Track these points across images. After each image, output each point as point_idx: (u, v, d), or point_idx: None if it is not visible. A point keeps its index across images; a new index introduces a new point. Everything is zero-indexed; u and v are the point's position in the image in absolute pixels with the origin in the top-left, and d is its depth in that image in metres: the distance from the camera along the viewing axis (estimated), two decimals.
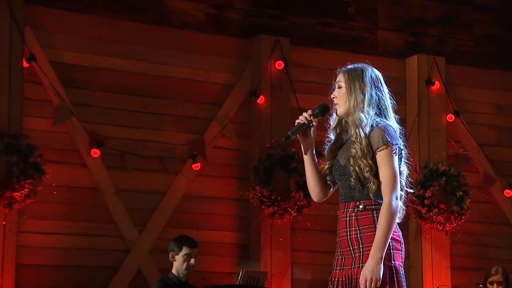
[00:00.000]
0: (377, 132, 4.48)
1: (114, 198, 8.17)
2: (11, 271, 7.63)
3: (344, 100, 4.57)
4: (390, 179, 4.43)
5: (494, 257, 9.33)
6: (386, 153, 4.44)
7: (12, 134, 7.66)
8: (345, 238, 4.55)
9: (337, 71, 4.69)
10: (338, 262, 4.59)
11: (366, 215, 4.51)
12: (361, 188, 4.52)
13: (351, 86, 4.58)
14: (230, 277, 8.44)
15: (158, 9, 8.64)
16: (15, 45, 7.84)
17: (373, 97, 4.59)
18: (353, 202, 4.54)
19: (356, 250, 4.51)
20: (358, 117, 4.52)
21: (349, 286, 4.50)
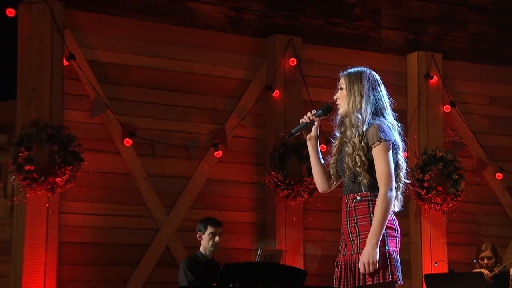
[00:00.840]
0: (372, 130, 4.50)
1: (144, 182, 8.20)
2: (54, 248, 7.68)
3: (344, 101, 4.60)
4: (384, 172, 4.44)
5: (486, 233, 9.34)
6: (380, 149, 4.45)
7: (54, 125, 7.68)
8: (345, 226, 4.59)
9: (340, 74, 4.71)
10: (342, 248, 4.63)
11: (362, 206, 4.54)
12: (354, 181, 4.57)
13: (350, 88, 4.59)
14: (249, 253, 8.49)
15: (184, 12, 8.65)
16: (56, 45, 7.85)
17: (370, 98, 4.58)
18: (352, 194, 4.57)
19: (354, 238, 4.54)
20: (355, 117, 4.55)
21: (350, 269, 4.51)
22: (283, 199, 8.49)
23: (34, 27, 7.85)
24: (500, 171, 9.52)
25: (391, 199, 4.45)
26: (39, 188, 7.55)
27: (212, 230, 7.33)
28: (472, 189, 9.24)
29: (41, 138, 7.59)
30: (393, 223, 4.53)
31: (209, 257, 7.37)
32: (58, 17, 7.86)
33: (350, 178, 4.57)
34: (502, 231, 9.51)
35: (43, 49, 7.85)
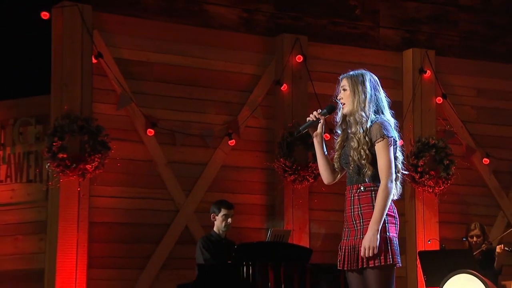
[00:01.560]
0: (376, 127, 4.50)
1: (165, 168, 8.22)
2: (85, 227, 7.73)
3: (349, 101, 4.57)
4: (386, 166, 4.45)
5: (474, 213, 9.35)
6: (382, 144, 4.47)
7: (84, 117, 7.70)
8: (349, 214, 4.58)
9: (341, 77, 4.67)
10: (345, 233, 4.61)
11: (366, 195, 4.52)
12: (358, 173, 4.55)
13: (354, 89, 4.57)
14: (260, 232, 8.50)
15: (200, 14, 8.67)
16: (86, 45, 7.88)
17: (372, 98, 4.58)
18: (356, 185, 4.55)
19: (358, 224, 4.53)
20: (359, 115, 4.54)
21: (353, 253, 4.51)
22: (290, 183, 8.51)
23: (66, 28, 7.86)
24: (487, 156, 9.53)
25: (391, 190, 4.46)
26: (71, 174, 7.60)
27: (225, 212, 7.34)
28: (461, 173, 9.25)
29: (72, 129, 7.62)
30: (393, 211, 4.53)
31: (222, 236, 7.36)
32: (87, 19, 7.89)
33: (354, 170, 4.56)
34: (488, 211, 9.53)
35: (74, 48, 7.86)
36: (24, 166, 8.15)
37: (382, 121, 4.56)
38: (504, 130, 9.80)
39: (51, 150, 7.59)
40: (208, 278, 6.65)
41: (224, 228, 7.36)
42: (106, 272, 7.94)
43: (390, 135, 4.52)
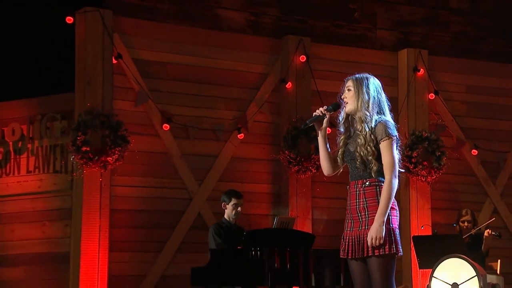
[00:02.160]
0: (381, 127, 4.47)
1: (179, 160, 8.23)
2: (107, 214, 7.77)
3: (353, 101, 4.54)
4: (390, 162, 4.42)
5: (463, 200, 9.36)
6: (388, 143, 4.44)
7: (105, 113, 7.73)
8: (354, 207, 4.53)
9: (346, 79, 4.64)
10: (348, 224, 4.59)
11: (371, 189, 4.48)
12: (364, 168, 4.50)
13: (359, 90, 4.54)
14: (266, 218, 8.51)
15: (211, 17, 8.68)
16: (107, 47, 7.89)
17: (375, 99, 4.56)
18: (361, 180, 4.50)
19: (363, 216, 4.49)
20: (364, 114, 4.51)
21: (357, 243, 4.49)
22: (294, 173, 8.51)
23: (89, 31, 7.88)
24: (475, 148, 9.53)
25: (395, 185, 4.44)
26: (93, 165, 7.63)
27: (235, 201, 7.33)
28: (452, 163, 9.25)
29: (95, 124, 7.65)
30: (395, 204, 4.52)
31: (232, 222, 7.35)
32: (108, 23, 7.90)
33: (361, 165, 4.52)
34: (476, 198, 9.53)
35: (96, 50, 7.88)
36: (50, 158, 8.16)
37: (386, 121, 4.54)
38: (491, 124, 9.78)
39: (75, 144, 7.62)
40: (220, 262, 6.66)
41: (234, 216, 7.36)
42: (126, 255, 7.97)
43: (394, 134, 4.50)
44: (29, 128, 8.28)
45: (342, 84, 4.72)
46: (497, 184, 9.69)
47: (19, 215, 8.26)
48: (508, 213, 9.63)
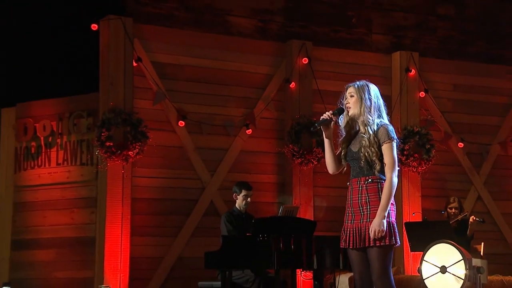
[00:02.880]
0: (383, 130, 4.48)
1: (194, 153, 8.22)
2: (128, 202, 7.77)
3: (356, 106, 4.54)
4: (392, 162, 4.42)
5: (450, 188, 9.34)
6: (389, 145, 4.44)
7: (127, 112, 7.74)
8: (356, 201, 4.51)
9: (348, 85, 4.64)
10: (349, 217, 4.56)
11: (373, 186, 4.46)
12: (368, 167, 4.47)
13: (361, 96, 4.54)
14: (273, 205, 8.50)
15: (223, 24, 8.66)
16: (128, 51, 7.89)
17: (376, 104, 4.56)
18: (364, 177, 4.48)
19: (365, 210, 4.47)
20: (366, 118, 4.50)
21: (358, 234, 4.48)
22: (297, 165, 8.49)
23: (111, 37, 7.87)
24: (461, 141, 9.49)
25: (395, 183, 4.44)
26: (116, 158, 7.65)
27: (245, 193, 7.34)
28: (440, 155, 9.22)
29: (117, 121, 7.66)
30: (393, 199, 4.50)
31: (242, 211, 7.36)
32: (129, 30, 7.89)
33: (365, 164, 4.49)
34: (462, 186, 9.49)
35: (118, 53, 7.87)
36: (77, 152, 8.17)
37: (387, 125, 4.54)
38: (476, 119, 9.72)
39: (100, 139, 7.63)
40: (231, 247, 6.65)
41: (244, 206, 7.36)
42: (146, 239, 7.97)
43: (395, 137, 4.51)
44: (59, 124, 8.29)
45: (343, 91, 4.70)
46: (481, 174, 9.64)
47: (50, 203, 8.28)
48: (490, 200, 9.58)
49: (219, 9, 8.69)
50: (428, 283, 6.62)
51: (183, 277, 7.92)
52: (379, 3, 9.53)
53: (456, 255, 6.64)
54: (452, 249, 6.64)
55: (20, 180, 8.51)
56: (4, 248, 8.53)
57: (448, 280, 6.56)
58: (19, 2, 8.07)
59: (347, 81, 8.67)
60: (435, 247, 6.71)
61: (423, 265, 6.69)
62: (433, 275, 6.66)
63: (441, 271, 6.67)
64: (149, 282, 7.89)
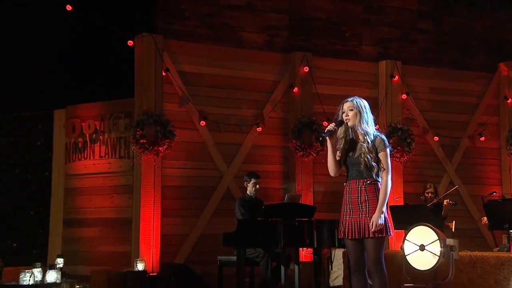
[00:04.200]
0: (379, 140, 4.47)
1: (213, 147, 8.20)
2: (159, 189, 7.78)
3: (354, 118, 4.49)
4: (388, 167, 4.44)
5: (427, 175, 9.28)
6: (385, 153, 4.44)
7: (157, 113, 7.73)
8: (356, 199, 4.47)
9: (346, 100, 4.58)
10: (347, 212, 4.52)
11: (371, 187, 4.44)
12: (367, 171, 4.43)
13: (359, 109, 4.50)
14: (279, 191, 8.49)
15: (237, 39, 8.61)
16: (158, 63, 7.86)
17: (370, 117, 4.54)
18: (363, 179, 4.44)
19: (364, 207, 4.43)
20: (365, 129, 4.48)
21: (357, 227, 4.45)
22: (300, 157, 8.47)
23: (145, 51, 7.85)
24: (436, 135, 9.42)
25: (391, 184, 4.45)
26: (148, 153, 7.65)
27: (254, 181, 7.28)
28: (419, 147, 9.16)
29: (149, 122, 7.65)
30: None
31: (253, 197, 7.30)
32: (159, 45, 7.86)
33: (364, 168, 4.43)
34: (437, 173, 9.44)
35: (150, 65, 7.85)
36: (117, 147, 8.15)
37: (382, 136, 4.52)
38: (449, 116, 9.64)
39: (135, 137, 7.63)
40: (244, 229, 6.62)
41: (254, 192, 7.31)
42: (173, 220, 7.97)
43: (389, 146, 4.51)
44: (101, 124, 8.28)
45: (340, 104, 4.63)
46: (453, 162, 9.58)
47: (94, 189, 8.29)
48: (460, 184, 9.49)
49: (234, 26, 8.64)
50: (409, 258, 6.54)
51: (205, 251, 7.91)
52: (368, 19, 9.44)
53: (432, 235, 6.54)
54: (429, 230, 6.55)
55: (70, 169, 8.52)
56: (58, 226, 8.56)
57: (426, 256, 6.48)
58: (71, 23, 8.07)
59: (342, 86, 8.92)
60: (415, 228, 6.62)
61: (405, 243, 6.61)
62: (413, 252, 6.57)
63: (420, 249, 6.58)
64: (176, 256, 7.91)
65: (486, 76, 9.81)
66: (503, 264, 6.64)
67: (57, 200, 8.57)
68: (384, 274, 4.44)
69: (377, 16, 9.46)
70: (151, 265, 7.57)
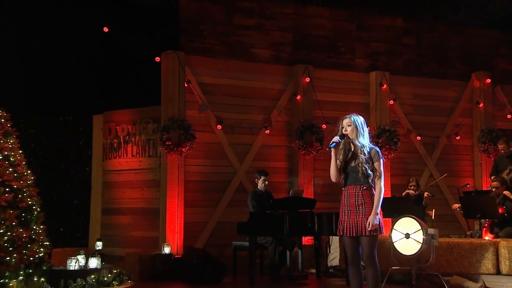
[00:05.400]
0: (374, 152, 4.43)
1: (228, 147, 8.14)
2: (182, 183, 7.73)
3: (353, 133, 4.44)
4: (381, 175, 4.39)
5: (411, 169, 9.20)
6: (379, 163, 4.40)
7: (180, 119, 7.68)
8: (353, 202, 4.41)
9: (345, 117, 4.52)
10: (345, 213, 4.46)
11: (366, 192, 4.38)
12: (363, 178, 4.37)
13: (357, 125, 4.44)
14: (284, 184, 8.40)
15: (248, 54, 8.52)
16: (181, 75, 7.80)
17: (365, 131, 4.48)
18: (359, 185, 4.39)
19: (360, 209, 4.37)
20: (361, 142, 4.42)
21: (354, 226, 4.39)
22: (302, 155, 8.41)
23: (170, 66, 7.79)
24: (419, 135, 9.32)
25: (383, 189, 4.40)
26: (173, 153, 7.62)
27: (264, 178, 7.27)
28: (404, 145, 9.07)
29: (174, 126, 7.60)
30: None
31: (263, 190, 7.29)
32: (182, 60, 7.80)
33: (361, 176, 4.37)
34: (419, 167, 9.34)
35: (174, 77, 7.79)
36: (146, 148, 8.12)
37: (376, 148, 4.47)
38: (429, 119, 9.50)
39: (161, 140, 7.60)
40: (256, 220, 6.64)
41: (263, 187, 7.30)
42: (194, 210, 7.92)
43: (382, 157, 4.47)
44: (133, 127, 8.25)
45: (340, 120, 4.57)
46: (433, 158, 9.47)
47: (128, 183, 8.26)
48: (439, 176, 9.36)
49: (246, 44, 8.56)
50: (396, 245, 6.51)
51: (221, 236, 7.88)
52: (360, 36, 9.33)
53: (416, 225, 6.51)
54: (413, 221, 6.51)
55: (107, 166, 8.49)
56: (97, 213, 8.57)
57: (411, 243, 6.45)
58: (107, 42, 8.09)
59: (339, 93, 8.91)
60: (402, 219, 6.59)
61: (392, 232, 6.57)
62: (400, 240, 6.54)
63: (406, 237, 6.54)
64: (197, 240, 7.88)
65: (461, 84, 9.70)
66: (476, 249, 6.68)
67: (96, 192, 8.56)
68: (376, 266, 4.40)
69: (368, 33, 9.37)
70: (176, 248, 7.56)
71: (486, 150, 9.36)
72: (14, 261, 5.14)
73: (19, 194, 5.38)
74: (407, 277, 6.56)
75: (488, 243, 6.67)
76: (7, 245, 5.16)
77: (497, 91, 9.77)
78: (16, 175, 5.42)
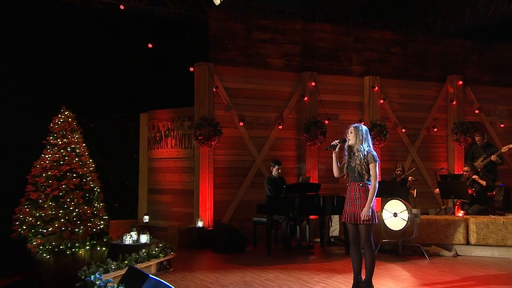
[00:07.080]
0: (370, 156, 4.33)
1: (248, 140, 8.05)
2: (211, 170, 7.69)
3: (353, 139, 4.37)
4: (375, 175, 4.29)
5: (397, 155, 9.09)
6: (374, 165, 4.31)
7: (210, 118, 7.61)
8: (353, 196, 4.37)
9: (350, 126, 4.42)
10: (347, 204, 4.42)
11: (362, 188, 4.33)
12: (360, 177, 4.32)
13: (356, 133, 4.36)
14: (294, 169, 8.32)
15: (264, 63, 8.38)
16: (210, 82, 7.71)
17: (365, 138, 4.36)
18: (357, 182, 4.34)
19: (358, 202, 4.34)
20: (359, 147, 4.34)
21: (353, 216, 4.35)
22: (308, 146, 8.32)
23: (201, 74, 7.71)
24: (404, 128, 9.18)
25: (377, 187, 4.31)
26: (205, 145, 7.58)
27: (277, 166, 7.16)
28: (391, 136, 8.92)
29: (205, 124, 7.54)
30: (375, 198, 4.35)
31: (277, 176, 7.17)
32: (211, 69, 7.72)
33: (358, 175, 4.30)
34: (404, 154, 9.15)
35: (205, 84, 7.71)
36: (182, 141, 8.08)
37: (373, 152, 4.37)
38: (412, 114, 9.33)
39: (195, 135, 7.56)
40: (272, 202, 6.61)
41: (277, 174, 7.20)
42: (221, 191, 7.89)
43: (377, 160, 4.35)
44: (172, 124, 8.20)
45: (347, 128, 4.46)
46: (415, 146, 9.31)
47: (168, 169, 8.24)
48: (420, 161, 9.29)
49: (262, 55, 8.43)
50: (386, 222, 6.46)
51: (243, 212, 7.86)
52: (356, 47, 9.15)
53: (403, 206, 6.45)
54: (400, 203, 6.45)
55: (151, 155, 8.48)
56: (144, 192, 8.60)
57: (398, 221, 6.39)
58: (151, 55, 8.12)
59: (338, 94, 8.78)
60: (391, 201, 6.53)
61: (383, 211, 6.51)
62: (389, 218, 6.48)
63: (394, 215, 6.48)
64: (224, 216, 7.86)
65: (438, 85, 9.52)
66: (450, 225, 6.67)
67: (143, 175, 8.57)
68: (372, 249, 4.35)
69: (362, 44, 9.18)
70: (207, 223, 7.56)
71: (458, 139, 9.27)
72: (81, 232, 5.21)
73: (84, 178, 5.45)
74: (395, 247, 6.55)
75: (460, 220, 6.64)
76: (75, 219, 5.25)
77: (468, 91, 9.62)
78: (81, 163, 5.48)
